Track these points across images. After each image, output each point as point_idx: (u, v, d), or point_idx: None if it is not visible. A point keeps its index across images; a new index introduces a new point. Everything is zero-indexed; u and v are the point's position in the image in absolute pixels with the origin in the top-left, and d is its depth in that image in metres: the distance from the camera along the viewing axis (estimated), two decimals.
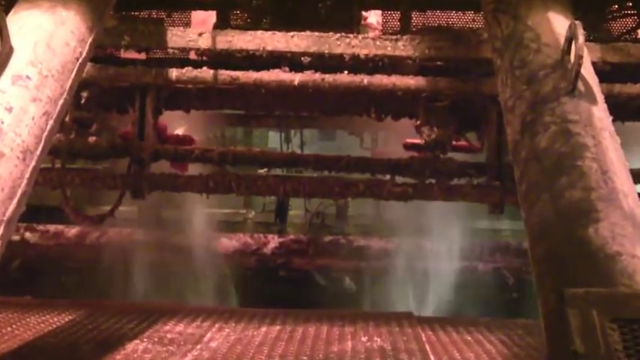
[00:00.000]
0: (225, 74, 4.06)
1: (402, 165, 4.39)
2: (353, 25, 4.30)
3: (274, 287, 7.44)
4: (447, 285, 7.14)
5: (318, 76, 4.05)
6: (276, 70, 4.07)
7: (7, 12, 2.57)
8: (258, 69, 4.08)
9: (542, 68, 2.51)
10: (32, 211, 2.49)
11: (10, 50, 2.39)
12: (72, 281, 7.10)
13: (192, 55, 4.24)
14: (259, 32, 4.03)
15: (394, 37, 4.04)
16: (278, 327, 3.79)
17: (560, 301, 1.85)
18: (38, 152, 2.33)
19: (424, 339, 3.59)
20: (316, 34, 4.00)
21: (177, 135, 4.99)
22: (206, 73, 4.07)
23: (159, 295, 6.65)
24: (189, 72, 4.09)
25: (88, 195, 7.25)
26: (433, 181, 4.37)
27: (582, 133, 2.27)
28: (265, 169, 6.44)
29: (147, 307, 4.35)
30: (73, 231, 7.41)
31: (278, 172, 6.30)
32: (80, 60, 2.66)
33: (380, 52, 3.99)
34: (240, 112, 5.62)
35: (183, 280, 7.00)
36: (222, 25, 4.33)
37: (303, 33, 4.01)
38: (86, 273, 7.08)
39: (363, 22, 4.27)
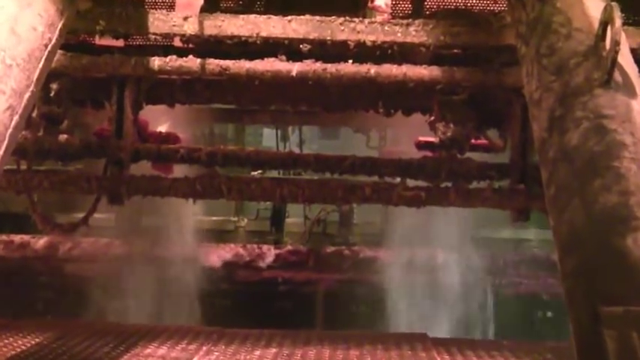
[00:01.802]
0: (213, 64, 4.05)
1: (414, 166, 4.38)
2: (358, 8, 4.29)
3: (269, 304, 7.44)
4: (465, 302, 7.13)
5: (319, 65, 4.04)
6: (272, 59, 4.06)
7: None
8: (251, 58, 4.07)
9: (573, 56, 2.49)
10: None
11: None
12: (40, 299, 7.09)
13: (177, 42, 4.22)
14: (252, 16, 4.02)
15: (405, 21, 4.02)
16: (274, 350, 3.78)
17: (595, 321, 1.83)
18: (1, 152, 2.32)
19: None
20: (317, 18, 3.99)
21: (160, 132, 4.99)
22: (192, 62, 4.06)
23: (139, 315, 6.64)
24: (173, 61, 4.08)
25: (59, 201, 7.25)
26: (449, 184, 4.36)
27: (619, 129, 2.26)
28: (259, 171, 6.44)
29: (125, 328, 4.34)
30: (41, 242, 7.41)
31: (274, 174, 6.33)
32: (49, 47, 2.65)
33: (389, 38, 3.97)
34: (231, 106, 5.62)
35: (167, 296, 6.99)
36: (210, 8, 4.31)
37: (302, 17, 4.00)
38: (56, 289, 7.07)
39: (369, 4, 4.25)
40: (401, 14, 4.46)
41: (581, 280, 2.04)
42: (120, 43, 4.29)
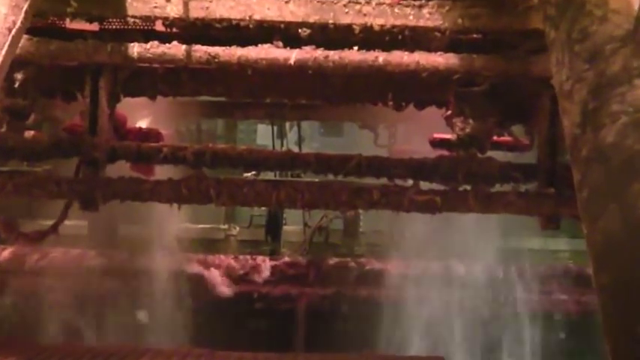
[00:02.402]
0: (201, 51, 4.05)
1: (428, 167, 4.38)
2: None
3: (265, 322, 7.44)
4: (487, 322, 7.12)
5: (320, 53, 4.04)
6: (267, 46, 4.06)
7: None
8: (243, 44, 4.07)
9: (610, 42, 2.49)
10: None
11: None
12: (4, 317, 7.09)
13: (159, 26, 4.23)
14: None
15: (417, 2, 4.03)
16: None
17: (634, 342, 1.83)
18: None
19: None
20: None
21: (140, 129, 4.99)
22: (177, 49, 4.06)
23: (116, 336, 6.64)
24: (154, 48, 4.08)
25: (25, 205, 7.24)
26: (468, 187, 4.36)
27: None
28: (253, 173, 6.44)
29: (102, 350, 4.34)
30: (5, 252, 7.41)
31: (269, 176, 6.33)
32: (13, 31, 2.64)
33: (399, 21, 3.97)
34: (220, 99, 5.62)
35: (148, 315, 6.99)
36: None
37: None
38: (23, 306, 7.07)
39: None
40: None
41: (619, 296, 2.04)
42: (94, 27, 4.29)
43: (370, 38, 4.04)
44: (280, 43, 4.06)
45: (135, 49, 4.08)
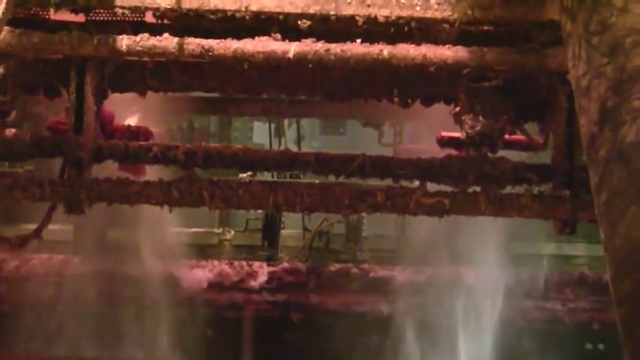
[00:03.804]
0: (194, 43, 4.05)
1: (436, 167, 4.39)
2: None
3: (263, 333, 7.44)
4: (499, 332, 7.12)
5: (320, 46, 4.04)
6: (264, 38, 4.06)
7: None
8: (239, 37, 4.07)
9: (631, 34, 2.49)
10: None
11: None
12: None
13: (149, 18, 4.23)
14: None
15: None
16: None
17: None
18: None
19: None
20: None
21: (129, 126, 4.99)
22: (168, 41, 4.06)
23: (103, 348, 6.64)
24: (144, 40, 4.07)
25: (4, 209, 7.25)
26: (478, 189, 4.36)
27: None
28: (249, 174, 6.44)
29: None
30: None
31: (266, 177, 6.33)
32: None
33: (405, 12, 3.98)
34: (214, 94, 5.62)
35: (137, 326, 6.99)
36: None
37: None
38: (2, 317, 7.07)
39: None
40: None
41: None
42: (80, 18, 4.29)
43: (374, 30, 4.05)
44: (278, 36, 4.06)
45: (123, 41, 4.07)
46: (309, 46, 4.03)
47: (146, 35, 4.09)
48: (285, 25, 4.04)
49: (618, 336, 2.12)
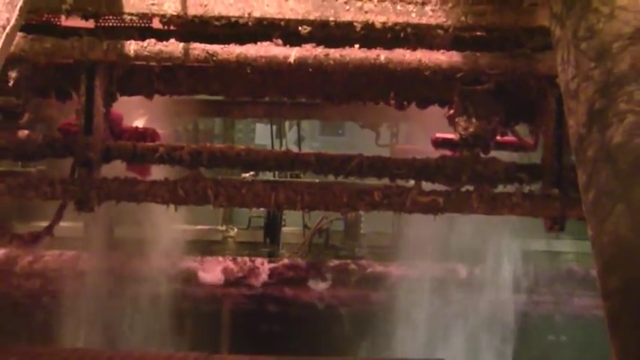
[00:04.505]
0: (198, 49, 4.05)
1: (431, 167, 4.38)
2: None
3: (265, 326, 7.44)
4: (490, 325, 7.12)
5: (320, 50, 4.04)
6: (266, 44, 4.06)
7: None
8: (242, 42, 4.07)
9: (617, 39, 2.49)
10: None
11: None
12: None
13: (156, 24, 4.23)
14: None
15: None
16: None
17: None
18: None
19: None
20: None
21: (136, 128, 4.99)
22: (174, 46, 4.06)
23: (112, 340, 6.64)
24: (151, 45, 4.08)
25: (18, 207, 7.25)
26: (471, 188, 4.36)
27: None
28: (251, 173, 6.43)
29: (98, 356, 4.33)
30: None
31: (268, 176, 6.32)
32: (7, 29, 2.64)
33: (402, 19, 3.98)
34: (218, 97, 5.62)
35: (144, 318, 6.99)
36: None
37: None
38: (15, 310, 7.07)
39: None
40: None
41: (627, 300, 2.03)
42: (89, 24, 4.29)
43: (372, 36, 4.05)
44: (280, 41, 4.06)
45: (131, 46, 4.07)
46: (309, 51, 4.03)
47: (153, 41, 4.09)
48: (287, 31, 4.04)
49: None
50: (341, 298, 7.47)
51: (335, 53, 4.04)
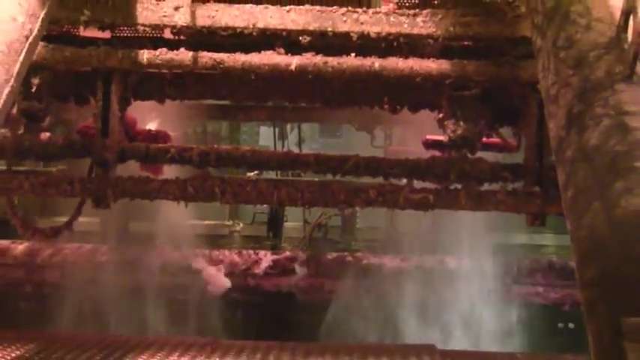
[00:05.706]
0: (206, 57, 4.05)
1: (422, 167, 4.38)
2: None
3: (267, 314, 7.43)
4: (476, 313, 7.11)
5: (319, 59, 4.05)
6: (269, 52, 4.07)
7: None
8: (247, 50, 4.07)
9: (593, 48, 2.49)
10: None
11: None
12: (20, 309, 7.08)
13: (167, 34, 4.23)
14: (248, 6, 4.02)
15: (412, 11, 4.03)
16: None
17: (617, 334, 1.83)
18: None
19: None
20: (317, 8, 4.00)
21: (149, 130, 4.98)
22: (184, 55, 4.07)
23: (125, 327, 6.63)
24: (163, 54, 4.08)
25: (40, 203, 7.24)
26: (459, 186, 4.36)
27: None
28: (255, 172, 6.43)
29: (111, 340, 4.34)
30: (20, 247, 7.39)
31: (271, 175, 6.31)
32: (30, 39, 2.65)
33: (395, 29, 3.98)
34: (225, 102, 5.62)
35: (156, 306, 6.98)
36: None
37: (301, 7, 4.01)
38: (37, 299, 7.06)
39: None
40: (408, 4, 4.46)
41: (602, 289, 2.03)
42: (106, 34, 4.30)
43: (367, 45, 4.05)
44: (282, 50, 4.07)
45: (144, 55, 4.09)
46: (309, 59, 4.04)
47: (164, 50, 4.10)
48: (288, 41, 4.05)
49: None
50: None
51: (333, 61, 4.04)
